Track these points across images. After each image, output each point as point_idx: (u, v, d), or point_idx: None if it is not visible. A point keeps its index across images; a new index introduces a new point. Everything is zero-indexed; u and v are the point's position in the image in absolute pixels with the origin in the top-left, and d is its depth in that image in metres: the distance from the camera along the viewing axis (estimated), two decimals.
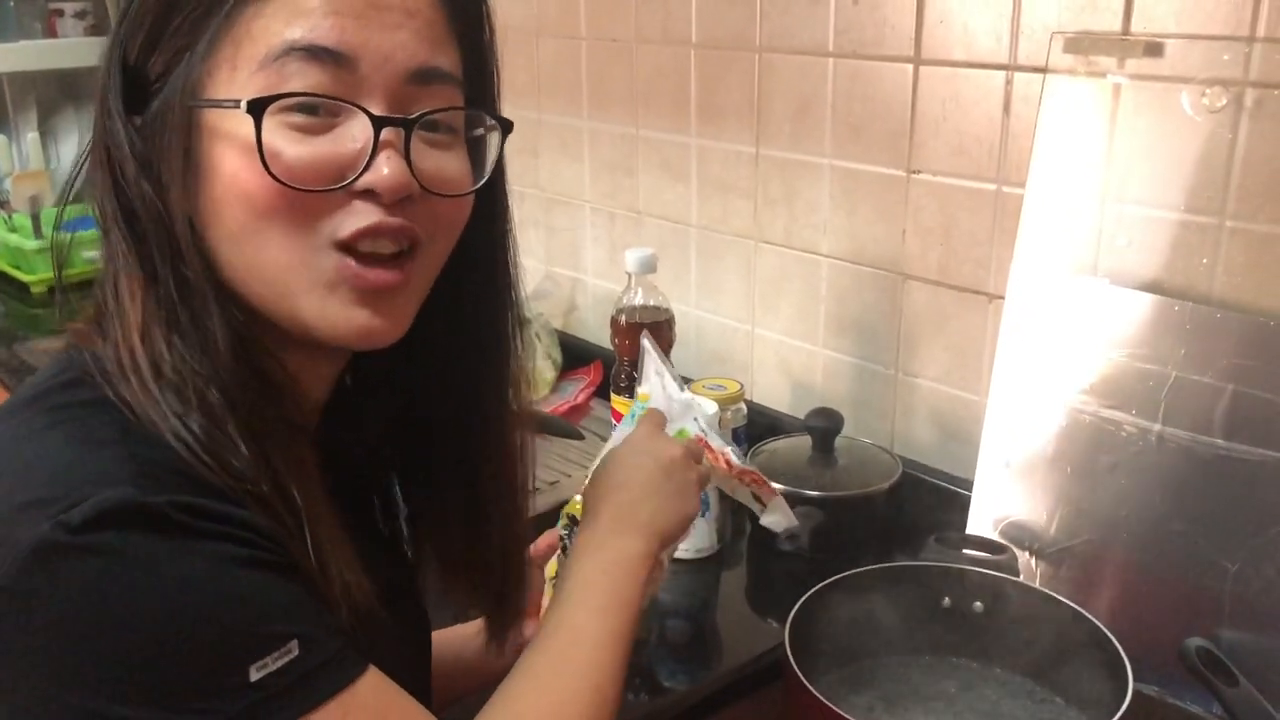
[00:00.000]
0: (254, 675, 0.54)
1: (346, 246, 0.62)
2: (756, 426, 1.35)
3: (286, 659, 0.55)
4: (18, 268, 2.22)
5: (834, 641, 0.98)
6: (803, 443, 1.27)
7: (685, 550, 1.22)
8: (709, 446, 0.94)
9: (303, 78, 0.60)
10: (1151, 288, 1.04)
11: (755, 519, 1.26)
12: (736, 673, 1.05)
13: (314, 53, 0.59)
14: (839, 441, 1.26)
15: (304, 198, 0.60)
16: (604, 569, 0.77)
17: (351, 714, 0.58)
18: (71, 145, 2.61)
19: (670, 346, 1.36)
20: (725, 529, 1.25)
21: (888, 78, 1.26)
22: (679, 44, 1.51)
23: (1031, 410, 1.11)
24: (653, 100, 1.58)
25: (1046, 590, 0.98)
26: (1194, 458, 0.98)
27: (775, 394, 1.49)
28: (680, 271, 1.59)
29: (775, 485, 0.99)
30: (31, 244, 2.15)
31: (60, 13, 2.58)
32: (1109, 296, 1.06)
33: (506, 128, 0.71)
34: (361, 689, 0.59)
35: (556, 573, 0.92)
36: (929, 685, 0.99)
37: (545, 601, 0.91)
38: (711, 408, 1.20)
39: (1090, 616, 0.93)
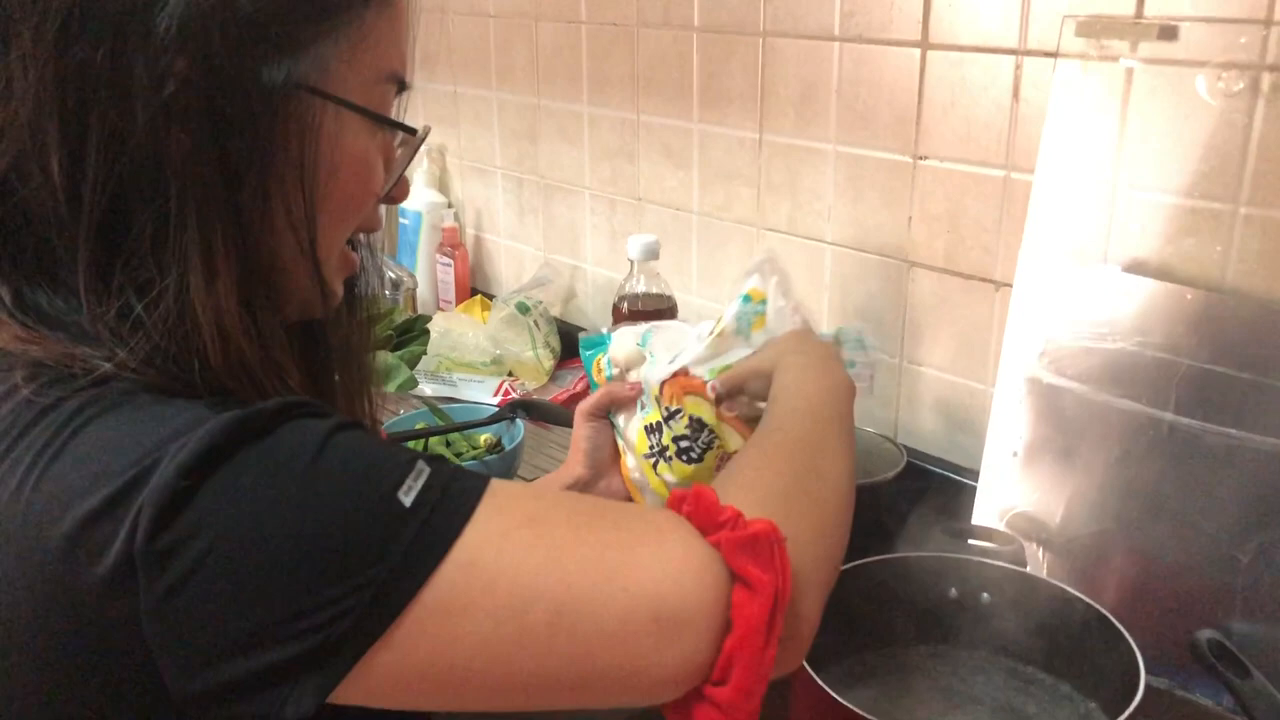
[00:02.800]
0: (406, 500, 0.55)
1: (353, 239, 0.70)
2: None
3: (423, 477, 0.56)
4: None
5: (839, 633, 0.96)
6: None
7: None
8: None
9: (390, 105, 0.67)
10: (1163, 275, 1.03)
11: None
12: None
13: (402, 87, 0.67)
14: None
15: (371, 200, 0.68)
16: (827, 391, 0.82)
17: (505, 506, 0.58)
18: None
19: None
20: None
21: (894, 62, 1.24)
22: (681, 28, 1.49)
23: (1039, 399, 1.09)
24: (654, 85, 1.56)
25: (1055, 581, 0.97)
26: (1205, 448, 0.97)
27: None
28: (682, 259, 1.57)
29: None
30: None
31: None
32: (1119, 284, 1.04)
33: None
34: (497, 483, 0.59)
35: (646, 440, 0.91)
36: (936, 677, 0.98)
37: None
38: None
39: (1100, 608, 0.92)
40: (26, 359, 0.59)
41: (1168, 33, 1.00)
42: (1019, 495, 1.12)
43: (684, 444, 0.89)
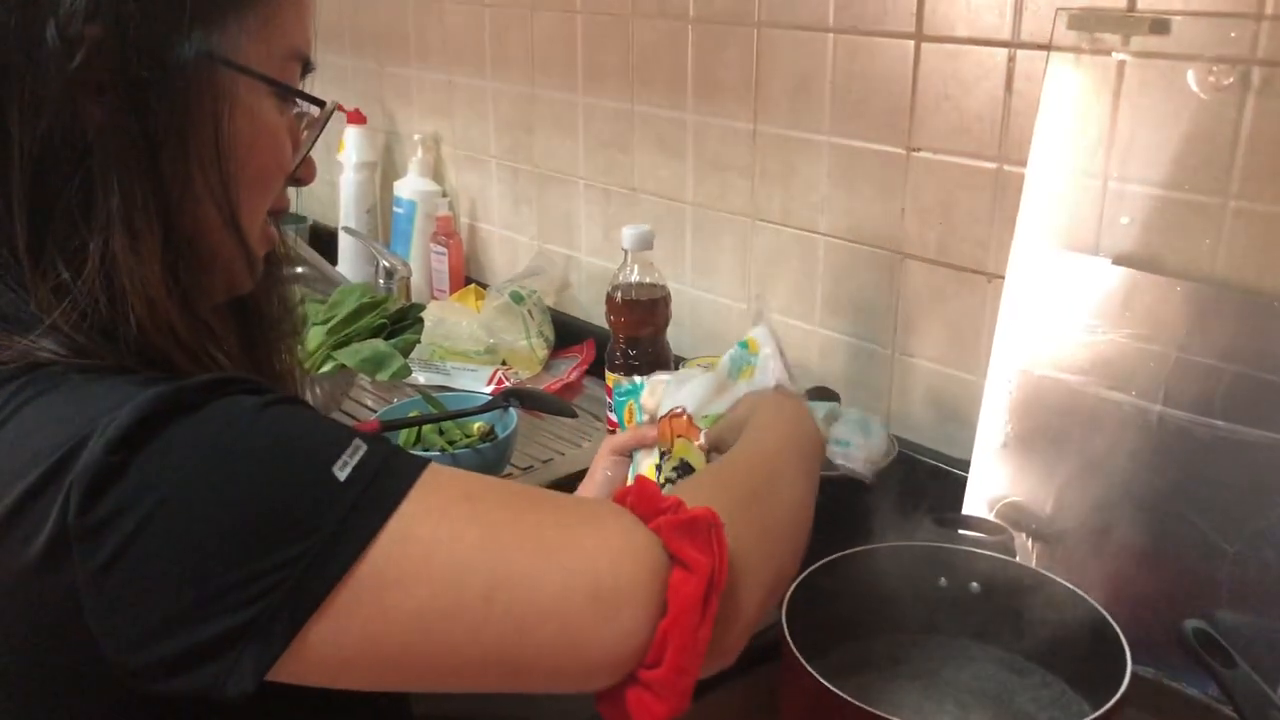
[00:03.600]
0: (340, 475, 0.55)
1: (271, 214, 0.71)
2: None
3: (360, 454, 0.56)
4: None
5: (830, 621, 0.97)
6: None
7: None
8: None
9: (296, 81, 0.68)
10: (1153, 267, 1.03)
11: None
12: None
13: (306, 66, 0.68)
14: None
15: (283, 176, 0.69)
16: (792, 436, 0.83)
17: (443, 484, 0.59)
18: None
19: (666, 324, 1.35)
20: None
21: (888, 54, 1.24)
22: (676, 18, 1.49)
23: (1030, 390, 1.10)
24: (649, 76, 1.56)
25: (1044, 571, 0.98)
26: (1194, 439, 0.98)
27: None
28: (676, 249, 1.57)
29: None
30: None
31: None
32: (1110, 276, 1.05)
33: None
34: (436, 464, 0.59)
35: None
36: (925, 666, 0.99)
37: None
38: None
39: (1088, 598, 0.93)
40: None
41: (1159, 26, 1.00)
42: (1009, 485, 1.12)
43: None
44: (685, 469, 0.90)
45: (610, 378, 1.36)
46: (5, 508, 0.54)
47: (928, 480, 1.24)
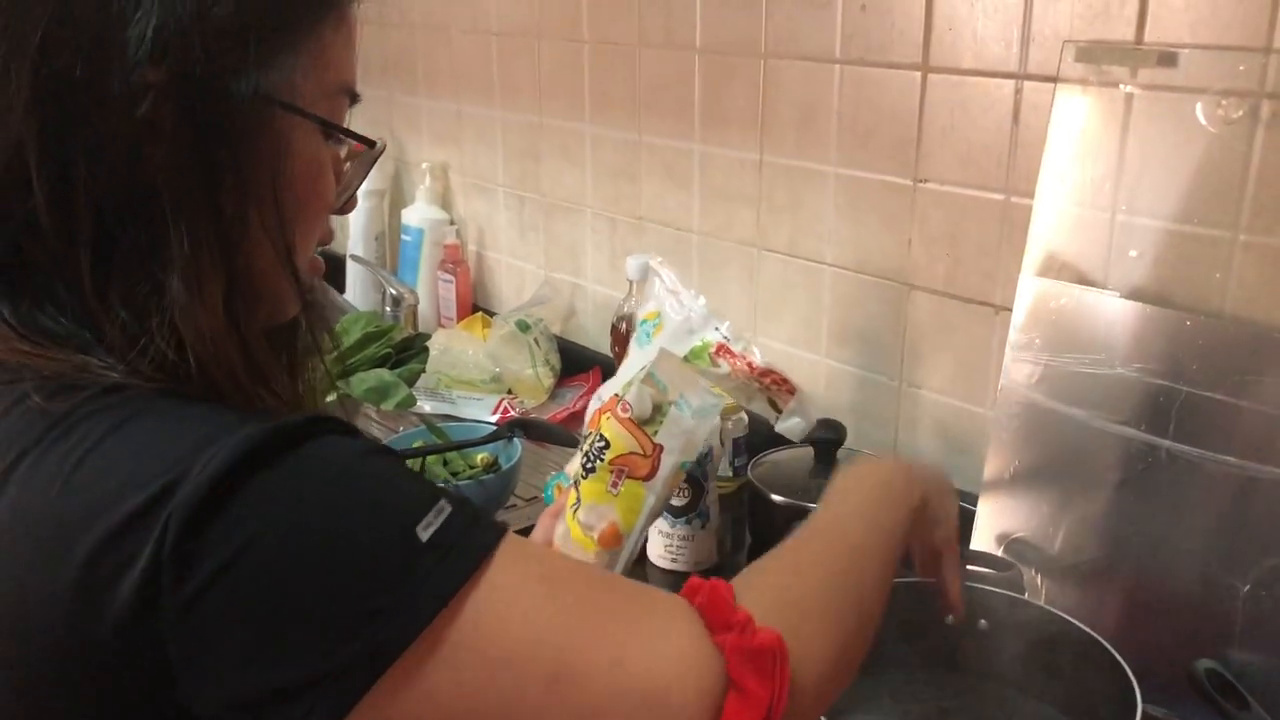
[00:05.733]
0: (423, 535, 0.55)
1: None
2: (758, 436, 1.33)
3: (444, 516, 0.56)
4: None
5: None
6: (805, 454, 1.25)
7: (685, 563, 1.20)
8: (730, 351, 0.93)
9: (343, 118, 0.68)
10: (1162, 301, 1.02)
11: (755, 531, 1.25)
12: None
13: (354, 99, 0.69)
14: (842, 453, 1.24)
15: (327, 211, 0.70)
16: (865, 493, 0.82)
17: (521, 557, 0.59)
18: None
19: None
20: (725, 541, 1.23)
21: (895, 85, 1.24)
22: (683, 49, 1.49)
23: (1038, 424, 1.09)
24: (656, 105, 1.56)
25: (1052, 608, 0.97)
26: (1205, 475, 0.96)
27: None
28: (682, 279, 1.56)
29: (777, 497, 0.98)
30: None
31: None
32: (1118, 310, 1.04)
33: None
34: (515, 536, 0.59)
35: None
36: (931, 703, 0.97)
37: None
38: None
39: (1097, 635, 0.91)
40: (33, 371, 0.59)
41: (1167, 59, 1.00)
42: (1017, 520, 1.11)
43: (587, 463, 0.90)
44: (599, 440, 0.90)
45: None
46: (100, 534, 0.54)
47: None
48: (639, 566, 1.18)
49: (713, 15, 1.44)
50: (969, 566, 1.05)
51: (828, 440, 1.23)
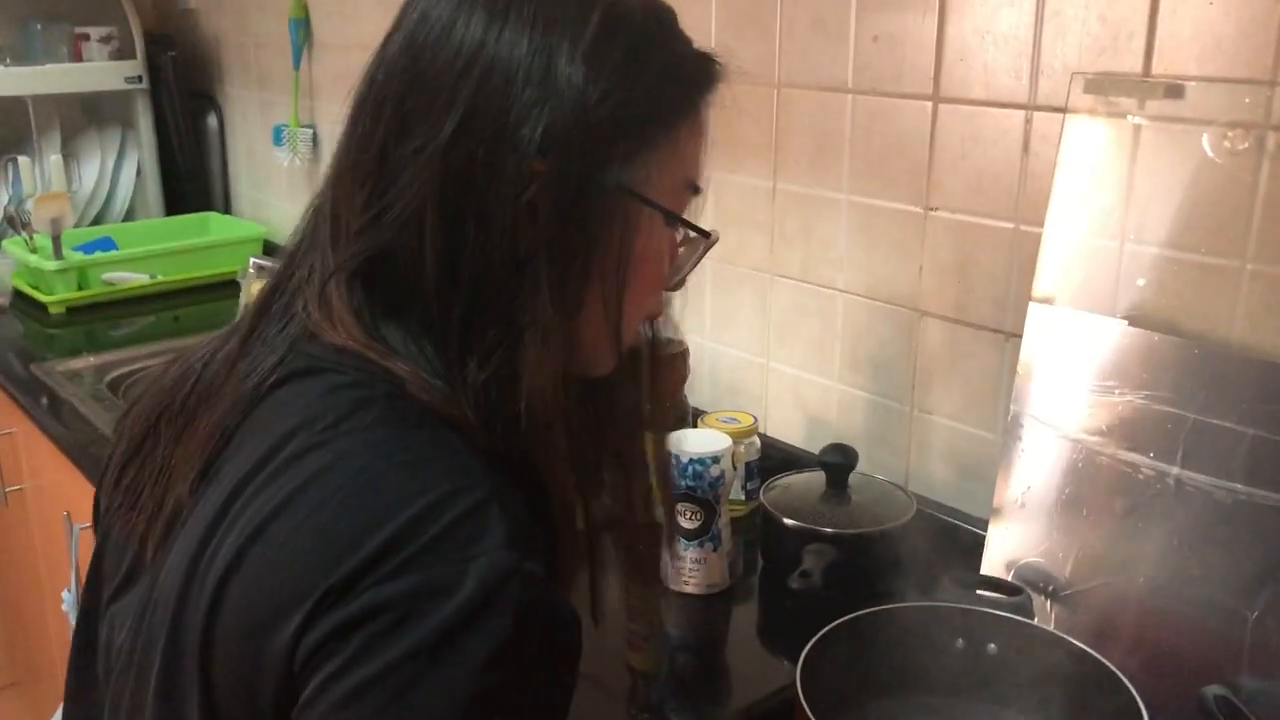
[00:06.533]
0: None
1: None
2: (770, 461, 1.35)
3: None
4: (37, 288, 2.23)
5: (846, 682, 0.96)
6: (816, 478, 1.26)
7: (696, 585, 1.21)
8: None
9: (686, 207, 0.76)
10: (1170, 330, 1.03)
11: (767, 555, 1.26)
12: (746, 712, 1.04)
13: (697, 192, 0.76)
14: (853, 478, 1.25)
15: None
16: None
17: None
18: (94, 167, 2.64)
19: (685, 379, 1.36)
20: (737, 564, 1.24)
21: (906, 115, 1.26)
22: None
23: (1048, 450, 1.10)
24: None
25: (1061, 634, 0.97)
26: (1213, 503, 0.97)
27: (789, 428, 1.48)
28: (695, 304, 1.59)
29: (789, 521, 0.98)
30: (51, 265, 2.17)
31: (86, 37, 2.61)
32: (1127, 337, 1.05)
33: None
34: None
35: None
36: None
37: None
38: (724, 442, 1.19)
39: (1106, 661, 0.92)
40: (384, 372, 0.67)
41: (1174, 91, 1.01)
42: (1028, 546, 1.12)
43: None
44: None
45: None
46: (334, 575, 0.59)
47: (945, 539, 1.24)
48: (651, 590, 1.19)
49: (726, 45, 1.45)
50: (979, 591, 1.06)
51: (839, 465, 1.24)
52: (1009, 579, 1.11)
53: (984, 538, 1.16)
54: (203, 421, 0.70)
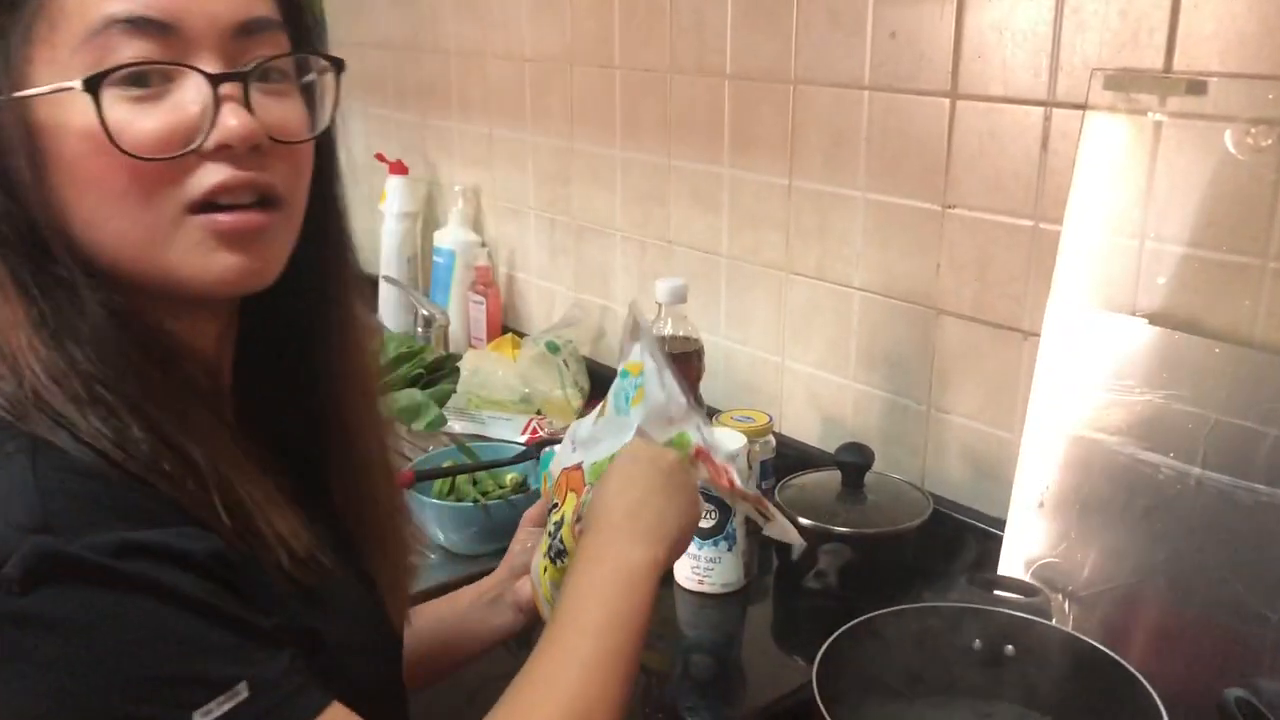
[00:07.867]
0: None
1: (204, 205, 0.62)
2: (785, 459, 1.34)
3: (233, 702, 0.54)
4: None
5: (862, 682, 0.96)
6: (832, 477, 1.26)
7: (712, 585, 1.20)
8: (710, 460, 0.86)
9: (128, 49, 0.59)
10: (1191, 328, 1.02)
11: (781, 553, 1.25)
12: (762, 711, 1.03)
13: (135, 23, 0.59)
14: (869, 477, 1.24)
15: (158, 168, 0.60)
16: (599, 582, 0.74)
17: None
18: None
19: (700, 377, 1.36)
20: (752, 564, 1.24)
21: (924, 111, 1.25)
22: (713, 75, 1.51)
23: (1066, 450, 1.09)
24: (686, 131, 1.58)
25: (1080, 635, 0.96)
26: (1234, 503, 0.96)
27: (805, 427, 1.47)
28: (710, 302, 1.58)
29: (804, 520, 0.97)
30: None
31: None
32: (1147, 336, 1.04)
33: (339, 66, 0.70)
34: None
35: (546, 573, 0.86)
36: None
37: (539, 600, 0.88)
38: (739, 441, 1.19)
39: (1125, 663, 0.91)
40: None
41: (1196, 87, 1.00)
42: (1046, 546, 1.11)
43: (553, 546, 0.86)
44: (557, 530, 0.85)
45: None
46: None
47: (962, 539, 1.23)
48: (666, 589, 1.19)
49: (743, 42, 1.46)
50: (997, 591, 1.05)
51: (855, 464, 1.23)
52: (1027, 579, 1.10)
53: (1001, 538, 1.15)
54: None
